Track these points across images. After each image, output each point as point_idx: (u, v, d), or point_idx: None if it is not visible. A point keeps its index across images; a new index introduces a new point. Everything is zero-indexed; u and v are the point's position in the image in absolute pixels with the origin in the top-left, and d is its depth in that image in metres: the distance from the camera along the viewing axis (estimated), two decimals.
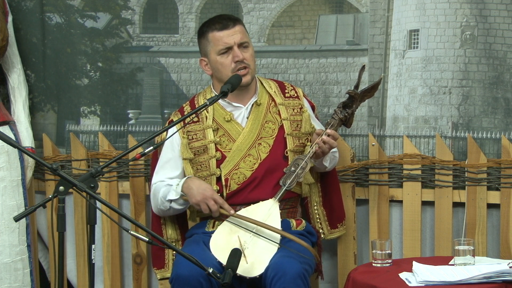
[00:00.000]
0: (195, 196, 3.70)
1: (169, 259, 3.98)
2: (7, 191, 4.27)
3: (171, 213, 3.90)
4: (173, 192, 3.78)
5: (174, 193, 3.78)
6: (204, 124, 3.86)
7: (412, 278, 3.36)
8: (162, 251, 3.98)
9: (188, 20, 4.53)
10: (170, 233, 3.96)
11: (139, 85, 4.59)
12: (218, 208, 3.70)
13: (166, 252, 3.98)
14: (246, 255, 3.57)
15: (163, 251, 3.98)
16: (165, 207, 3.84)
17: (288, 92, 3.96)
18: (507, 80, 4.11)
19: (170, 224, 3.97)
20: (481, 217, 4.11)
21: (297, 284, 3.46)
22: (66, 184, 3.02)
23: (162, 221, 3.98)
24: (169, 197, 3.80)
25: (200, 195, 3.70)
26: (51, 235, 4.60)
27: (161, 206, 3.85)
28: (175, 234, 3.97)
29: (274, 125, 3.87)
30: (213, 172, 3.82)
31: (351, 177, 4.26)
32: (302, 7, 4.38)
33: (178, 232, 3.98)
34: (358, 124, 4.24)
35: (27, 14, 4.60)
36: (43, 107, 4.67)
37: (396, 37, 4.24)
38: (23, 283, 4.30)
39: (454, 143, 4.17)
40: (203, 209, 3.71)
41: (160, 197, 3.83)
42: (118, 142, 4.60)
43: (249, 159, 3.82)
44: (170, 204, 3.81)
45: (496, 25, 4.10)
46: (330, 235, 4.05)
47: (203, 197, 3.69)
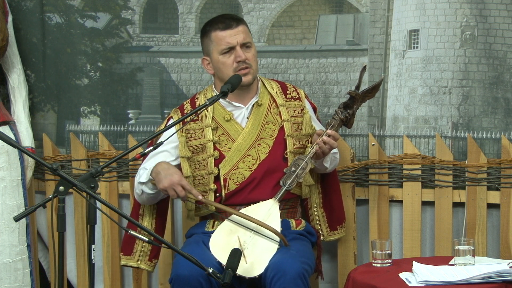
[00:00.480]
0: (162, 182, 3.67)
1: (137, 249, 3.97)
2: (7, 191, 4.27)
3: (145, 199, 3.86)
4: (145, 175, 3.78)
5: (145, 176, 3.77)
6: (203, 123, 3.86)
7: (412, 278, 3.36)
8: (133, 240, 3.94)
9: (188, 20, 4.53)
10: (145, 224, 3.93)
11: (139, 85, 4.59)
12: (186, 194, 3.68)
13: (137, 242, 3.96)
14: (246, 255, 3.57)
15: (134, 240, 3.94)
16: (139, 190, 3.83)
17: (290, 93, 3.95)
18: (507, 80, 4.11)
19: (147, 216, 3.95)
20: (481, 217, 4.11)
21: (297, 284, 3.46)
22: (66, 184, 3.02)
23: (140, 212, 3.97)
24: (140, 180, 3.79)
25: (167, 180, 3.66)
26: (51, 235, 4.60)
27: (137, 190, 3.85)
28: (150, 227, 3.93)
29: (274, 126, 3.87)
30: (211, 171, 3.82)
31: (351, 177, 4.26)
32: (302, 7, 4.38)
33: (153, 226, 3.95)
34: (358, 124, 4.24)
35: (27, 14, 4.60)
36: (43, 107, 4.67)
37: (396, 37, 4.24)
38: (23, 283, 4.30)
39: (454, 143, 4.17)
40: (171, 195, 3.69)
41: (136, 181, 3.84)
42: (118, 142, 4.60)
43: (248, 160, 3.82)
44: (141, 187, 3.80)
45: (496, 25, 4.10)
46: (330, 237, 4.05)
47: (171, 183, 3.66)
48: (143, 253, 3.97)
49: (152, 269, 4.02)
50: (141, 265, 3.99)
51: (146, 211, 3.96)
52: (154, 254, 3.99)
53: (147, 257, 3.98)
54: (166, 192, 3.70)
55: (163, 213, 4.01)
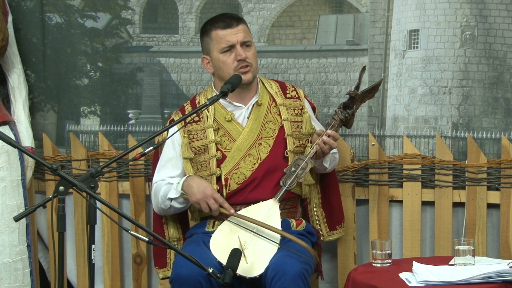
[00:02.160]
0: (195, 195, 3.70)
1: (171, 258, 3.98)
2: (7, 191, 4.27)
3: (172, 212, 3.90)
4: (174, 190, 3.78)
5: (175, 191, 3.78)
6: (205, 124, 3.86)
7: (412, 278, 3.36)
8: (164, 250, 3.98)
9: (188, 20, 4.53)
10: (172, 232, 3.96)
11: (139, 85, 4.59)
12: (218, 207, 3.70)
13: (168, 251, 3.98)
14: (246, 255, 3.57)
15: (165, 251, 3.98)
16: (165, 205, 3.83)
17: (289, 92, 3.95)
18: (507, 80, 4.11)
19: (171, 223, 3.97)
20: (481, 217, 4.11)
21: (297, 284, 3.46)
22: (66, 184, 3.02)
23: (163, 221, 3.98)
24: (169, 196, 3.80)
25: (200, 193, 3.69)
26: (51, 235, 4.60)
27: (162, 205, 3.85)
28: (177, 233, 3.97)
29: (274, 126, 3.87)
30: (214, 171, 3.82)
31: (351, 177, 4.26)
32: (302, 7, 4.38)
33: (180, 231, 3.98)
34: (358, 124, 4.24)
35: (27, 14, 4.60)
36: (43, 107, 4.67)
37: (396, 37, 4.24)
38: (23, 283, 4.30)
39: (454, 143, 4.17)
40: (203, 208, 3.71)
41: (160, 195, 3.83)
42: (118, 142, 4.60)
43: (249, 159, 3.82)
44: (170, 202, 3.81)
45: (496, 25, 4.10)
46: (329, 237, 4.04)
47: (204, 196, 3.69)
48: None
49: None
50: None
51: (169, 220, 3.97)
52: None
53: None
54: (199, 206, 3.71)
55: (185, 219, 4.02)
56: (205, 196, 3.69)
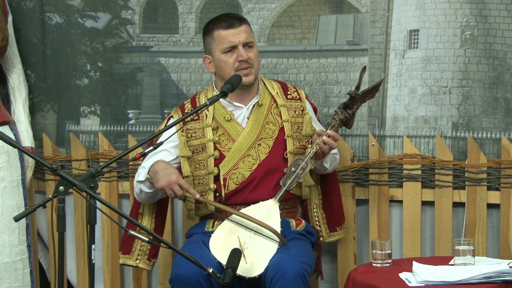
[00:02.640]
0: (159, 181, 3.68)
1: (136, 248, 3.97)
2: (7, 191, 4.27)
3: (144, 198, 3.87)
4: (143, 174, 3.78)
5: (143, 175, 3.78)
6: (204, 123, 3.86)
7: (412, 278, 3.36)
8: (132, 239, 3.95)
9: (188, 20, 4.53)
10: (145, 224, 3.93)
11: (139, 85, 4.59)
12: (183, 193, 3.68)
13: (136, 242, 3.96)
14: (246, 255, 3.57)
15: (133, 239, 3.95)
16: (137, 189, 3.84)
17: (291, 93, 3.95)
18: (507, 80, 4.11)
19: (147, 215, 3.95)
20: (481, 217, 4.11)
21: (297, 284, 3.46)
22: (66, 184, 3.02)
23: (140, 211, 3.97)
24: (138, 178, 3.80)
25: (165, 180, 3.67)
26: (51, 235, 4.60)
27: (135, 188, 3.86)
28: (150, 226, 3.93)
29: (274, 127, 3.87)
30: (211, 171, 3.82)
31: (351, 177, 4.26)
32: (302, 7, 4.38)
33: (153, 226, 3.95)
34: (358, 124, 4.24)
35: (27, 14, 4.60)
36: (43, 107, 4.67)
37: (396, 37, 4.24)
38: (23, 283, 4.30)
39: (454, 143, 4.17)
40: (169, 194, 3.69)
41: (135, 180, 3.85)
42: (118, 142, 4.60)
43: (248, 160, 3.82)
44: (139, 185, 3.81)
45: (496, 25, 4.10)
46: (329, 238, 4.04)
47: (168, 182, 3.67)
48: (142, 252, 3.97)
49: (151, 268, 4.02)
50: (139, 264, 3.99)
51: (145, 211, 3.96)
52: (153, 254, 3.99)
53: (146, 256, 3.98)
54: (164, 191, 3.70)
55: (162, 213, 4.01)
56: (170, 183, 3.67)
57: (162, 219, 4.02)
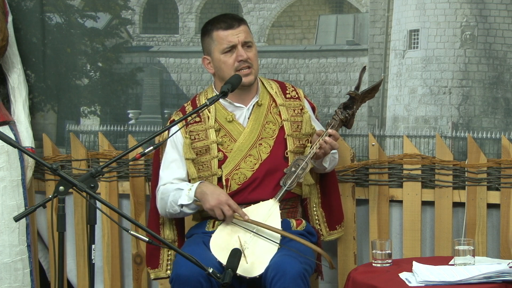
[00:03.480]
0: (209, 202, 3.68)
1: (163, 259, 3.96)
2: (7, 191, 4.27)
3: (180, 216, 3.89)
4: (185, 197, 3.75)
5: (187, 198, 3.75)
6: (207, 124, 3.86)
7: (412, 278, 3.36)
8: (158, 251, 3.96)
9: (188, 20, 4.53)
10: (167, 233, 3.95)
11: (139, 85, 4.59)
12: (232, 213, 3.68)
13: (162, 252, 3.96)
14: (246, 255, 3.57)
15: (158, 251, 3.96)
16: (174, 210, 3.80)
17: (289, 93, 3.95)
18: (507, 80, 4.11)
19: (168, 224, 3.95)
20: (481, 217, 4.11)
21: (297, 284, 3.46)
22: (66, 184, 3.02)
23: (160, 221, 3.97)
24: (180, 202, 3.77)
25: (214, 200, 3.67)
26: (51, 235, 4.60)
27: (171, 210, 3.82)
28: (172, 234, 3.95)
29: (274, 126, 3.87)
30: (215, 172, 3.82)
31: (351, 177, 4.26)
32: (302, 7, 4.38)
33: (175, 233, 3.97)
34: (358, 124, 4.24)
35: (27, 14, 4.60)
36: (43, 107, 4.67)
37: (396, 37, 4.24)
38: (23, 283, 4.30)
39: (454, 143, 4.17)
40: (218, 215, 3.68)
41: (170, 200, 3.80)
42: (118, 142, 4.60)
43: (249, 159, 3.82)
44: (181, 208, 3.78)
45: (496, 25, 4.10)
46: (329, 236, 4.04)
47: (218, 202, 3.67)
48: (170, 261, 3.95)
49: None
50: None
51: (166, 221, 3.96)
52: None
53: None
54: (213, 212, 3.69)
55: (181, 221, 4.01)
56: (220, 203, 3.67)
57: (182, 225, 4.01)
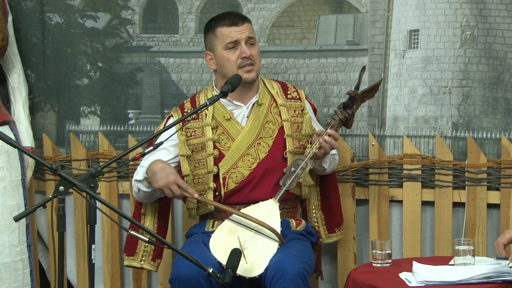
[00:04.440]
0: (158, 181, 3.68)
1: (140, 249, 3.96)
2: (7, 191, 4.27)
3: (142, 197, 3.88)
4: (141, 173, 3.79)
5: (141, 174, 3.78)
6: (203, 122, 3.86)
7: (412, 278, 3.36)
8: (137, 240, 3.95)
9: (188, 20, 4.53)
10: (147, 224, 3.94)
11: (139, 85, 4.59)
12: (181, 192, 3.68)
13: (140, 243, 3.96)
14: (246, 255, 3.57)
15: (137, 240, 3.95)
16: (135, 188, 3.84)
17: (291, 93, 3.95)
18: (507, 80, 4.11)
19: (150, 215, 3.95)
20: (481, 217, 4.11)
21: (297, 284, 3.46)
22: (66, 184, 3.02)
23: (142, 211, 3.97)
24: (136, 177, 3.81)
25: (163, 180, 3.67)
26: (51, 235, 4.60)
27: (134, 187, 3.86)
28: (152, 227, 3.95)
29: (274, 126, 3.87)
30: (210, 170, 3.82)
31: (351, 177, 4.26)
32: (302, 7, 4.38)
33: (156, 226, 3.96)
34: (358, 124, 4.24)
35: (27, 14, 4.61)
36: (43, 107, 4.68)
37: (396, 37, 4.24)
38: (23, 283, 4.30)
39: (454, 143, 4.17)
40: (167, 194, 3.69)
41: (134, 178, 3.85)
42: (118, 142, 4.60)
43: (247, 159, 3.82)
44: (137, 184, 3.81)
45: (496, 25, 4.10)
46: (328, 239, 4.04)
47: (166, 182, 3.67)
48: (146, 253, 3.96)
49: (156, 269, 4.01)
50: (144, 265, 3.98)
51: (148, 211, 3.96)
52: (157, 254, 3.98)
53: (150, 257, 3.97)
54: (162, 191, 3.70)
55: (165, 213, 4.01)
56: (168, 183, 3.67)
57: (165, 219, 4.02)
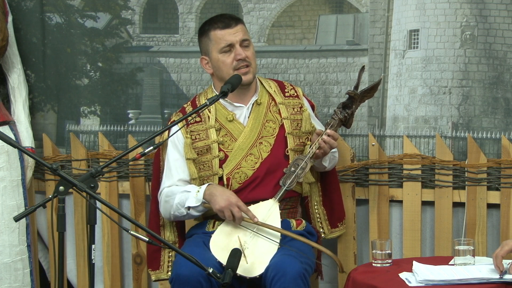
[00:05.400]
0: (219, 203, 3.66)
1: (164, 260, 3.96)
2: (7, 191, 4.27)
3: (186, 219, 3.89)
4: (193, 199, 3.74)
5: (195, 200, 3.74)
6: (207, 124, 3.86)
7: (412, 278, 3.36)
8: (158, 253, 3.96)
9: (188, 20, 4.53)
10: (168, 235, 3.95)
11: (139, 85, 4.59)
12: (241, 215, 3.67)
13: (163, 253, 3.97)
14: (246, 255, 3.57)
15: (159, 253, 3.96)
16: (180, 213, 3.79)
17: (288, 91, 3.96)
18: (507, 80, 4.11)
19: (168, 226, 3.95)
20: (481, 217, 4.11)
21: (297, 284, 3.46)
22: (66, 184, 3.02)
23: (161, 223, 3.97)
24: (188, 204, 3.75)
25: (224, 201, 3.66)
26: (51, 235, 4.60)
27: (176, 212, 3.81)
28: (173, 236, 3.95)
29: (274, 124, 3.88)
30: (216, 172, 3.82)
31: (351, 177, 4.26)
32: (302, 7, 4.38)
33: (175, 234, 3.97)
34: (358, 124, 4.24)
35: (27, 14, 4.60)
36: (43, 107, 4.67)
37: (396, 37, 4.24)
38: (23, 283, 4.30)
39: (454, 143, 4.17)
40: (227, 216, 3.67)
41: (176, 203, 3.79)
42: (118, 142, 4.60)
43: (250, 158, 3.82)
44: (188, 211, 3.77)
45: (496, 25, 4.10)
46: (331, 234, 4.05)
47: (228, 204, 3.65)
48: (171, 263, 3.94)
49: None
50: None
51: (166, 222, 3.95)
52: None
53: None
54: (222, 214, 3.68)
55: (182, 222, 4.00)
56: (230, 204, 3.66)
57: (183, 227, 4.01)
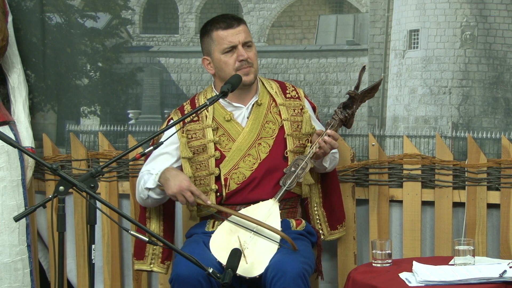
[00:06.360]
0: (171, 188, 3.68)
1: (149, 252, 3.97)
2: (7, 191, 4.27)
3: (151, 203, 3.88)
4: (152, 181, 3.78)
5: (152, 182, 3.77)
6: (204, 123, 3.86)
7: (412, 278, 3.36)
8: (144, 245, 3.96)
9: (188, 20, 4.53)
10: (153, 227, 3.95)
11: (139, 85, 4.59)
12: (194, 199, 3.68)
13: (148, 246, 3.96)
14: (246, 255, 3.57)
15: (145, 245, 3.96)
16: (144, 195, 3.83)
17: (289, 92, 3.96)
18: (507, 80, 4.11)
19: (155, 218, 3.96)
20: (481, 217, 4.11)
21: (297, 284, 3.46)
22: (66, 184, 3.02)
23: (147, 215, 3.97)
24: (147, 185, 3.79)
25: (176, 186, 3.67)
26: (51, 235, 4.60)
27: (141, 194, 3.85)
28: (158, 230, 3.96)
29: (274, 126, 3.87)
30: (212, 171, 3.82)
31: (351, 177, 4.26)
32: (302, 7, 4.38)
33: (161, 228, 3.97)
34: (358, 124, 4.24)
35: (27, 14, 4.61)
36: (43, 107, 4.68)
37: (396, 37, 4.24)
38: (23, 283, 4.30)
39: (454, 143, 4.17)
40: (180, 201, 3.69)
41: (141, 185, 3.84)
42: (118, 142, 4.60)
43: (248, 159, 3.83)
44: (148, 192, 3.80)
45: (496, 25, 4.10)
46: (330, 236, 4.05)
47: (180, 189, 3.67)
48: (154, 256, 3.96)
49: (165, 271, 3.99)
50: (153, 268, 3.97)
51: (153, 215, 3.96)
52: (165, 256, 3.98)
53: (159, 260, 3.96)
54: (176, 198, 3.70)
55: (170, 216, 4.01)
56: (181, 189, 3.67)
57: (171, 222, 4.02)
